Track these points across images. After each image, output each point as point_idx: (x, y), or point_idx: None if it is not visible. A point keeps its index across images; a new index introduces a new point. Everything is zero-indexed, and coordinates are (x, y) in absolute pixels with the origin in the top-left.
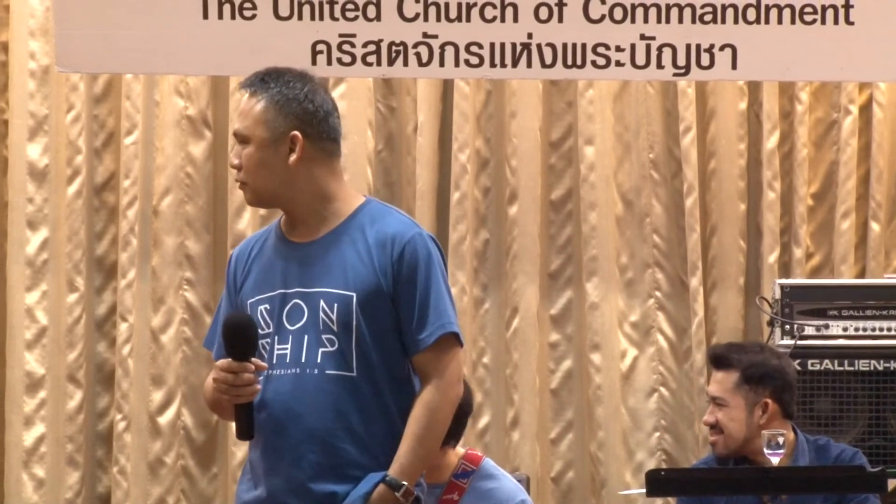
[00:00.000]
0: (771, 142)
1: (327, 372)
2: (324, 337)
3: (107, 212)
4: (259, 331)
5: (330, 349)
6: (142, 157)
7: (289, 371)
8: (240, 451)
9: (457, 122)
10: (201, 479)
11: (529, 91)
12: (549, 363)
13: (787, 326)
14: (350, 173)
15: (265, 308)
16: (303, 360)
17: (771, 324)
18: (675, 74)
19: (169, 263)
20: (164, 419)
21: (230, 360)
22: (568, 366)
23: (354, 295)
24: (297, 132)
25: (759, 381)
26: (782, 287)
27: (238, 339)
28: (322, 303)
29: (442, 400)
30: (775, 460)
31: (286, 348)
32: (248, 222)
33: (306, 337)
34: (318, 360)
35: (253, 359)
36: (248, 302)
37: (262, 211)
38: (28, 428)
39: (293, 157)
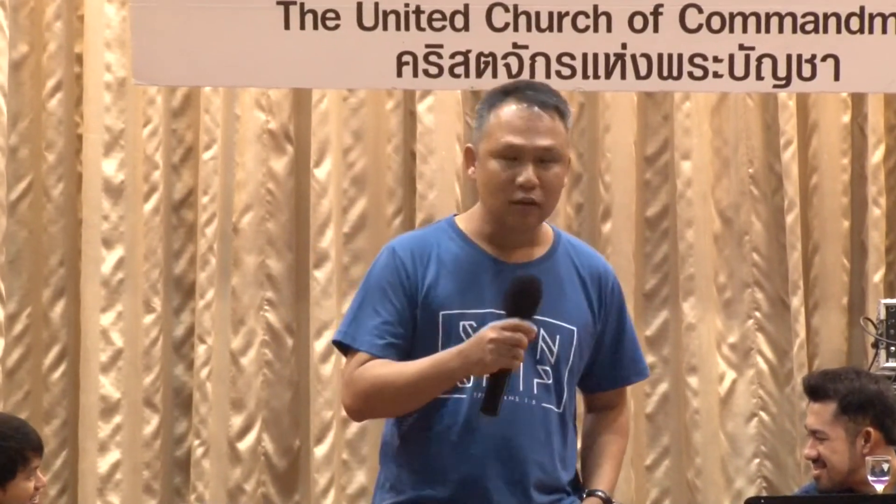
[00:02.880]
0: (876, 156)
1: (543, 405)
2: (539, 367)
3: (185, 229)
4: None
5: (544, 381)
6: (221, 172)
7: (505, 397)
8: (322, 477)
9: None
10: None
11: (624, 104)
12: (645, 386)
13: (893, 348)
14: (438, 190)
15: (470, 325)
16: (521, 389)
17: (875, 345)
18: (775, 86)
19: (249, 283)
20: (244, 445)
21: (518, 320)
22: (664, 389)
23: (576, 329)
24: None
25: (858, 409)
26: (888, 307)
27: (531, 299)
28: (543, 332)
29: (629, 427)
30: (879, 487)
31: None
32: (331, 240)
33: (521, 364)
34: (535, 392)
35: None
36: (443, 313)
37: (345, 228)
38: (103, 454)
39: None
